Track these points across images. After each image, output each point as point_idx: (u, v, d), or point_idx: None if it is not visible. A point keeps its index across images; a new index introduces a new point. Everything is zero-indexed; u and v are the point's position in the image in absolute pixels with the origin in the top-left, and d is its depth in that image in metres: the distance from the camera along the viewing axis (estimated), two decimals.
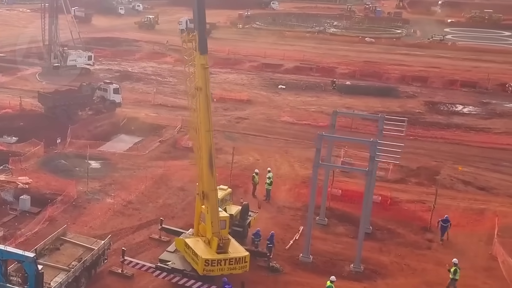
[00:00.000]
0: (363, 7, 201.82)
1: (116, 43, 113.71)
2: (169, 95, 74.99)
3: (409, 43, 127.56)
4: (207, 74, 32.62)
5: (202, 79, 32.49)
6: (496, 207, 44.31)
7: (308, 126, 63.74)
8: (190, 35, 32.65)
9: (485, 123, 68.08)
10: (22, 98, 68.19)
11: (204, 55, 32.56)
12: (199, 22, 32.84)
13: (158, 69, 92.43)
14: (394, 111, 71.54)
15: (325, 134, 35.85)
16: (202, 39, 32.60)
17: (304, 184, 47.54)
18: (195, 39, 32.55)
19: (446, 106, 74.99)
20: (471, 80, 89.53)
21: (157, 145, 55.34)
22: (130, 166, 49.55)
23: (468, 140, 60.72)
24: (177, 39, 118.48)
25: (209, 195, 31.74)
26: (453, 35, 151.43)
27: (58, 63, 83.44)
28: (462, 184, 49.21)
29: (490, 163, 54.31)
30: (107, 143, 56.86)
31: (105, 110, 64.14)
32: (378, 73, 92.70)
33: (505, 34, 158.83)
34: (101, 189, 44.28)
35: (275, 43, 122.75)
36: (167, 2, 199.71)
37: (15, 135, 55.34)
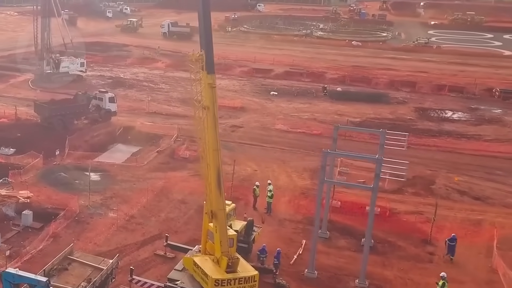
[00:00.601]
0: (347, 9, 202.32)
1: (106, 48, 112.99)
2: (162, 102, 74.63)
3: (395, 47, 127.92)
4: (214, 93, 32.31)
5: (210, 98, 32.21)
6: (493, 218, 44.43)
7: (303, 135, 63.78)
8: (197, 55, 32.30)
9: (475, 129, 68.28)
10: (16, 106, 67.82)
11: (212, 74, 32.24)
12: (206, 41, 32.56)
13: (150, 75, 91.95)
14: (386, 117, 71.91)
15: (330, 152, 35.66)
16: (209, 58, 32.31)
17: (303, 195, 47.57)
18: (202, 58, 32.22)
19: (436, 112, 75.14)
20: (458, 85, 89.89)
21: (154, 155, 54.98)
22: (130, 178, 49.17)
23: (461, 148, 60.89)
24: (162, 42, 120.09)
25: (218, 214, 31.49)
26: (437, 37, 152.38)
27: (51, 70, 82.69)
28: (458, 194, 49.29)
29: (483, 171, 54.46)
30: (105, 153, 56.57)
31: (101, 119, 63.69)
32: (367, 78, 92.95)
33: (488, 36, 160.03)
34: (102, 203, 43.88)
35: (264, 47, 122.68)
36: (155, 5, 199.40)
37: (13, 146, 54.73)
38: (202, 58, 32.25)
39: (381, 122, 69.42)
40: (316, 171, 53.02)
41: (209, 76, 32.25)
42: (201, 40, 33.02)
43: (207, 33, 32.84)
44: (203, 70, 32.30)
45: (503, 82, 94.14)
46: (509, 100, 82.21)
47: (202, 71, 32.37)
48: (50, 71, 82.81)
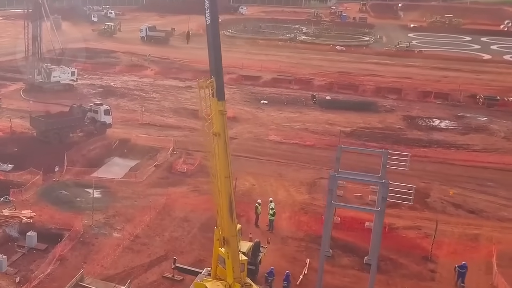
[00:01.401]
0: (328, 11, 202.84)
1: (93, 55, 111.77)
2: (155, 112, 74.12)
3: (377, 51, 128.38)
4: (225, 120, 32.10)
5: (221, 125, 32.06)
6: (489, 232, 44.77)
7: (296, 146, 63.76)
8: (207, 81, 32.04)
9: (463, 139, 68.66)
10: (11, 119, 67.06)
11: (222, 101, 32.04)
12: (216, 68, 32.37)
13: (140, 83, 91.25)
14: (376, 127, 72.16)
15: (337, 175, 35.46)
16: (220, 85, 32.11)
17: (303, 211, 47.56)
18: (212, 85, 31.99)
19: (424, 121, 75.49)
20: (442, 91, 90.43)
21: (152, 170, 54.55)
22: (130, 194, 48.78)
23: (451, 159, 61.19)
24: (140, 47, 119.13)
25: (230, 240, 31.37)
26: (417, 40, 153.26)
27: (42, 79, 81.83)
28: (453, 207, 49.54)
29: (475, 183, 54.80)
30: (102, 167, 56.09)
31: (96, 132, 63.11)
32: (354, 85, 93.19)
33: (466, 39, 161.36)
34: (106, 222, 43.48)
35: (249, 52, 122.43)
36: (138, 8, 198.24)
37: (11, 162, 54.07)
38: (212, 85, 32.00)
39: (371, 132, 69.86)
40: (313, 184, 53.35)
41: (220, 103, 32.10)
42: (211, 67, 32.81)
43: (217, 60, 32.68)
44: (214, 97, 32.04)
45: (486, 88, 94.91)
46: (493, 107, 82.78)
47: (212, 98, 32.10)
48: (41, 81, 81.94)
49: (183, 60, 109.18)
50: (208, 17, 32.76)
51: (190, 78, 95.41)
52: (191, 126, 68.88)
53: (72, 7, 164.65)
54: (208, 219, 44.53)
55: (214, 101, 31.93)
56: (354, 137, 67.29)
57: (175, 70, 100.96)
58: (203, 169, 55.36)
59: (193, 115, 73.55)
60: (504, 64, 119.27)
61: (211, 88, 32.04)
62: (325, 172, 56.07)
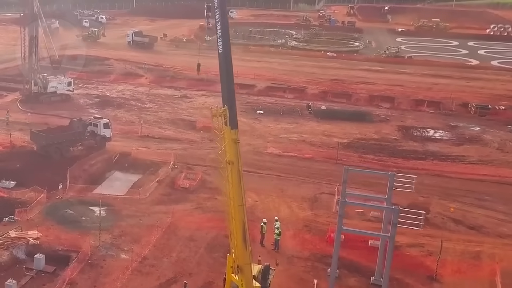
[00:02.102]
0: (317, 15, 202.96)
1: (87, 62, 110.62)
2: (153, 124, 73.76)
3: (368, 58, 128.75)
4: (238, 149, 31.95)
5: (234, 153, 31.85)
6: (490, 249, 44.97)
7: (295, 159, 63.75)
8: (221, 110, 31.88)
9: (458, 150, 68.99)
10: (10, 132, 66.57)
11: (235, 129, 31.88)
12: (229, 97, 32.21)
13: (136, 92, 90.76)
14: (372, 138, 72.36)
15: (348, 201, 35.47)
16: (233, 113, 31.94)
17: (306, 228, 47.52)
18: (225, 113, 31.83)
19: (419, 131, 75.76)
20: (434, 99, 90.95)
21: (155, 185, 54.25)
22: (135, 212, 48.50)
23: (448, 171, 61.42)
24: (125, 53, 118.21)
25: (244, 268, 31.28)
26: (405, 45, 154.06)
27: (39, 90, 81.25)
28: (453, 223, 49.71)
29: (473, 197, 55.09)
30: (104, 182, 55.78)
31: (96, 145, 62.73)
32: (347, 94, 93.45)
33: (453, 43, 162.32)
34: (112, 243, 43.18)
35: (242, 58, 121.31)
36: (128, 11, 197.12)
37: (13, 178, 53.58)
38: (225, 114, 31.85)
39: (368, 143, 70.03)
40: (314, 200, 53.33)
41: (233, 131, 31.89)
42: (224, 95, 32.60)
43: (230, 88, 32.51)
44: (227, 125, 31.87)
45: (476, 96, 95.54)
46: (485, 116, 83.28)
47: (225, 126, 31.93)
48: (38, 91, 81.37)
49: (176, 68, 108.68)
50: (220, 46, 32.67)
51: (185, 87, 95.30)
52: (189, 138, 68.78)
53: (63, 12, 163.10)
54: (213, 239, 44.56)
55: (227, 130, 31.74)
56: (351, 149, 67.47)
57: (169, 78, 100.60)
58: (204, 185, 55.50)
59: (190, 127, 73.67)
60: (492, 71, 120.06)
61: (224, 116, 31.79)
62: (325, 186, 56.49)
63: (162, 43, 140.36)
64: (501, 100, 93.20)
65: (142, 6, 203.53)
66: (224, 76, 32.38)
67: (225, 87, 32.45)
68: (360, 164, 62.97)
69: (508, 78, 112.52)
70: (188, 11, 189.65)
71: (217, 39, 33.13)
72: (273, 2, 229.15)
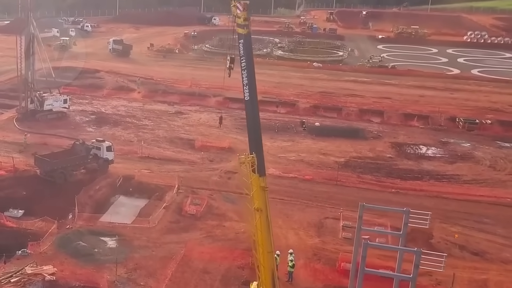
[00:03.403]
0: (298, 21, 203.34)
1: (78, 75, 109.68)
2: (152, 143, 73.17)
3: (353, 68, 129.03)
4: (267, 196, 31.93)
5: (262, 201, 31.86)
6: (496, 277, 45.48)
7: (296, 180, 63.81)
8: (250, 158, 31.81)
9: (452, 168, 69.56)
10: (10, 154, 65.80)
11: (263, 177, 31.85)
12: (256, 145, 32.16)
13: (130, 108, 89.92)
14: (367, 156, 72.66)
15: (370, 243, 35.48)
16: (261, 161, 31.92)
17: (316, 257, 47.55)
18: (253, 161, 31.77)
19: (412, 148, 76.24)
20: (422, 113, 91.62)
21: (162, 212, 53.91)
22: (146, 243, 48.14)
23: (445, 192, 61.86)
24: (115, 65, 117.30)
25: None
26: (387, 53, 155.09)
27: (35, 108, 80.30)
28: (457, 249, 50.03)
29: (472, 220, 55.58)
30: (110, 208, 55.36)
31: (99, 169, 62.16)
32: (337, 107, 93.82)
33: (433, 51, 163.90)
34: (128, 277, 42.83)
35: None
36: (112, 19, 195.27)
37: (20, 206, 52.95)
38: (253, 161, 31.80)
39: (364, 162, 70.36)
40: (320, 226, 53.44)
41: (261, 178, 31.89)
42: (251, 142, 32.57)
43: (257, 135, 32.47)
44: (255, 172, 31.83)
45: (462, 109, 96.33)
46: (473, 131, 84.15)
47: (253, 173, 31.88)
48: (34, 109, 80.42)
49: (167, 81, 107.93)
50: (247, 93, 32.65)
51: (178, 102, 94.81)
52: (189, 159, 68.45)
53: (48, 20, 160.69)
54: (227, 270, 44.51)
55: (255, 177, 31.73)
56: (349, 169, 67.71)
57: (161, 92, 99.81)
58: (211, 210, 55.35)
59: (188, 146, 73.33)
60: (474, 81, 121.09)
61: (252, 164, 31.75)
62: (329, 211, 56.66)
63: (149, 53, 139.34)
64: (487, 113, 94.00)
65: (125, 12, 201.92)
66: (251, 123, 32.36)
67: (252, 134, 32.45)
68: (359, 185, 63.46)
69: (490, 89, 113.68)
70: (171, 18, 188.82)
71: (243, 86, 33.13)
72: (253, 8, 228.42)
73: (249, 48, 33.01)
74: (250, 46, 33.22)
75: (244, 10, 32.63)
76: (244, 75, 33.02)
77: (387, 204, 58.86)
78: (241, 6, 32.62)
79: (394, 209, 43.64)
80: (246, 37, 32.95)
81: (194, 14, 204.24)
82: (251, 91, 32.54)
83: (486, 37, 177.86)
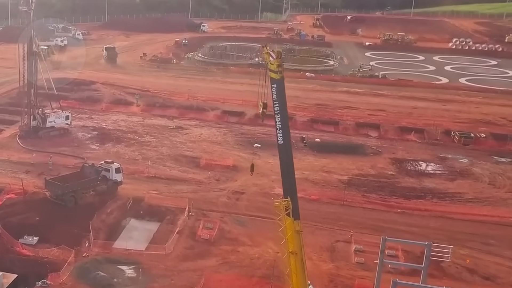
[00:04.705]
0: (286, 27, 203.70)
1: (74, 86, 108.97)
2: (157, 162, 72.81)
3: (345, 78, 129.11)
4: (301, 239, 32.08)
5: (297, 244, 32.06)
6: None
7: (303, 201, 61.91)
8: (285, 202, 31.92)
9: (453, 186, 70.15)
10: (16, 174, 65.32)
11: (298, 220, 31.99)
12: (291, 189, 32.28)
13: (131, 123, 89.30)
14: (369, 173, 73.08)
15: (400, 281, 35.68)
16: (295, 205, 32.06)
17: (332, 284, 47.85)
18: (288, 205, 31.90)
19: (412, 165, 76.65)
20: (417, 126, 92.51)
21: (176, 237, 53.76)
22: (164, 271, 48.02)
23: (449, 212, 62.51)
24: (111, 75, 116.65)
25: None
26: (376, 61, 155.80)
27: (37, 125, 79.67)
28: (468, 273, 50.51)
29: (478, 241, 56.12)
30: (122, 233, 55.29)
31: (108, 190, 61.86)
32: (334, 121, 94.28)
33: (420, 58, 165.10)
34: None
35: (225, 81, 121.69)
36: (101, 25, 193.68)
37: (34, 233, 52.50)
38: (288, 205, 31.92)
39: (367, 180, 70.82)
40: (332, 250, 53.76)
41: (296, 222, 32.05)
42: (285, 187, 32.68)
43: (292, 180, 32.58)
44: (289, 216, 31.97)
45: (455, 121, 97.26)
46: (469, 145, 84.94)
47: (287, 217, 32.02)
48: (36, 125, 79.80)
49: (164, 93, 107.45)
50: (280, 137, 32.76)
51: (177, 116, 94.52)
52: (196, 178, 68.32)
53: (38, 26, 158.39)
54: None
55: (290, 221, 31.87)
56: (353, 188, 68.13)
57: (159, 105, 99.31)
58: (223, 235, 55.40)
59: (193, 164, 73.17)
60: (463, 91, 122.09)
61: (287, 208, 31.87)
62: (338, 233, 57.04)
63: (142, 62, 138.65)
64: (479, 125, 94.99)
65: (114, 19, 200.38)
66: (285, 167, 32.45)
67: (287, 178, 32.57)
68: (365, 205, 63.97)
69: (479, 99, 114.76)
70: (160, 25, 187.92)
71: (276, 130, 33.16)
72: (240, 13, 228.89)
73: (282, 92, 33.23)
74: (284, 91, 33.42)
75: (277, 58, 32.74)
76: (278, 119, 33.16)
77: (394, 225, 59.89)
78: (275, 54, 32.74)
79: (417, 242, 44.02)
80: (279, 82, 33.18)
81: (183, 20, 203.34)
82: (285, 135, 32.67)
83: (471, 44, 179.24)
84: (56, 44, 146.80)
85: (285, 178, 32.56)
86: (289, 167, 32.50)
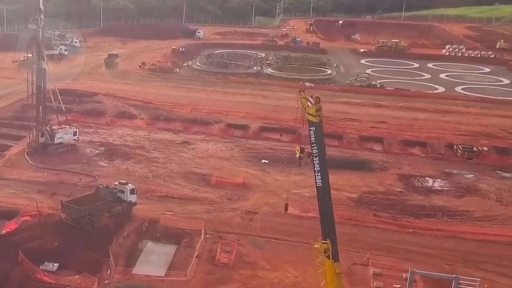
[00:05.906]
0: (280, 33, 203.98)
1: (76, 98, 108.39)
2: (167, 179, 72.56)
3: (344, 88, 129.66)
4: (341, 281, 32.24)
5: (337, 286, 32.15)
6: None
7: (315, 220, 62.15)
8: (326, 245, 32.05)
9: (461, 203, 70.51)
10: (29, 195, 65.02)
11: (337, 263, 32.13)
12: (330, 232, 32.40)
13: (137, 138, 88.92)
14: (378, 191, 73.39)
15: None
16: (335, 247, 32.20)
17: None
18: (328, 248, 32.03)
19: (419, 181, 76.99)
20: (419, 139, 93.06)
21: (196, 262, 53.70)
22: None
23: (460, 232, 62.74)
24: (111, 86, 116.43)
25: None
26: (372, 69, 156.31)
27: (45, 141, 79.26)
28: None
29: (493, 263, 56.46)
30: (140, 256, 55.05)
31: (123, 212, 61.70)
32: (338, 134, 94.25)
33: (415, 66, 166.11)
34: None
35: (225, 91, 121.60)
36: (96, 32, 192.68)
37: (54, 259, 52.22)
38: (328, 248, 32.06)
39: (377, 198, 71.13)
40: (350, 274, 53.80)
41: (335, 264, 32.19)
42: (324, 229, 32.84)
43: (331, 222, 32.73)
44: (329, 259, 32.10)
45: (456, 134, 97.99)
46: (472, 160, 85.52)
47: (327, 260, 32.15)
48: (44, 142, 79.40)
49: (166, 104, 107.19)
50: (319, 180, 32.95)
51: (182, 129, 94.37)
52: (208, 197, 68.20)
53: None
54: None
55: (330, 263, 32.01)
56: (364, 206, 68.33)
57: (163, 119, 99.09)
58: (242, 258, 55.40)
59: (204, 182, 72.99)
60: (461, 101, 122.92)
61: (326, 250, 32.00)
62: (354, 256, 57.18)
63: (141, 72, 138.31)
64: (480, 138, 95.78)
65: (109, 25, 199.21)
66: (324, 209, 32.63)
67: (326, 220, 32.74)
68: (377, 225, 64.23)
69: (477, 110, 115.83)
70: (155, 32, 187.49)
71: (315, 173, 33.25)
72: (233, 17, 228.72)
73: (320, 135, 33.33)
74: (322, 134, 33.47)
75: (316, 103, 32.91)
76: (316, 162, 33.36)
77: (408, 246, 60.26)
78: (313, 100, 32.91)
79: (445, 275, 44.31)
80: (318, 126, 33.42)
81: (177, 26, 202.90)
82: (324, 178, 32.83)
83: (464, 51, 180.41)
84: (60, 52, 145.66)
85: (324, 220, 32.74)
86: (328, 209, 32.71)
